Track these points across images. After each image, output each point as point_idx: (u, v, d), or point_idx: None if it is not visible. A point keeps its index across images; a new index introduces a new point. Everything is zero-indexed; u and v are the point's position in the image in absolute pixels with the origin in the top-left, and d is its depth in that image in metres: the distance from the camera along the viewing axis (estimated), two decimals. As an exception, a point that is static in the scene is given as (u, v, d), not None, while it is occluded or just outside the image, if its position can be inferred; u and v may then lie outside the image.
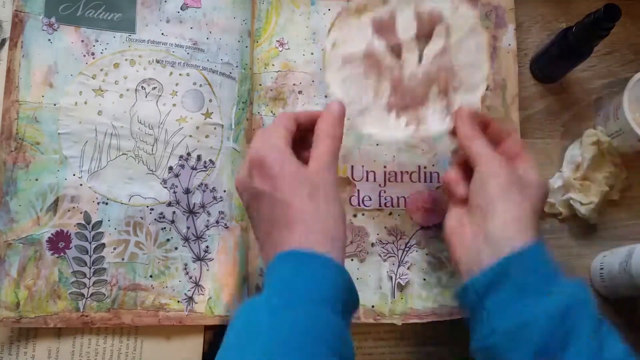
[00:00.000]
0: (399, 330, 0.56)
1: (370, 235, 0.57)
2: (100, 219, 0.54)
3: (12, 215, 0.52)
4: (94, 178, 0.54)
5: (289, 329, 0.37)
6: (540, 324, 0.39)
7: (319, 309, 0.38)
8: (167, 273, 0.54)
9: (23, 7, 0.54)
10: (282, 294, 0.39)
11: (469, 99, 0.51)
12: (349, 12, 0.52)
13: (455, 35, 0.52)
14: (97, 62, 0.55)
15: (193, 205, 0.55)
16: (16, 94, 0.54)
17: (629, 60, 0.66)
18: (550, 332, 0.39)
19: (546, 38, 0.65)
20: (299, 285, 0.39)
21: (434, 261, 0.57)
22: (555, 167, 0.63)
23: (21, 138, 0.53)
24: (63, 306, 0.53)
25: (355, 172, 0.58)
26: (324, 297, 0.39)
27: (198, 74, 0.57)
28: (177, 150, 0.55)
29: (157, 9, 0.57)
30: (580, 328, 0.39)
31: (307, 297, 0.39)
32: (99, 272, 0.53)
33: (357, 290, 0.42)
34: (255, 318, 0.38)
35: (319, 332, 0.37)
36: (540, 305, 0.40)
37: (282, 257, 0.40)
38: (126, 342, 0.55)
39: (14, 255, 0.52)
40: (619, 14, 0.51)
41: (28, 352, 0.53)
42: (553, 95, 0.65)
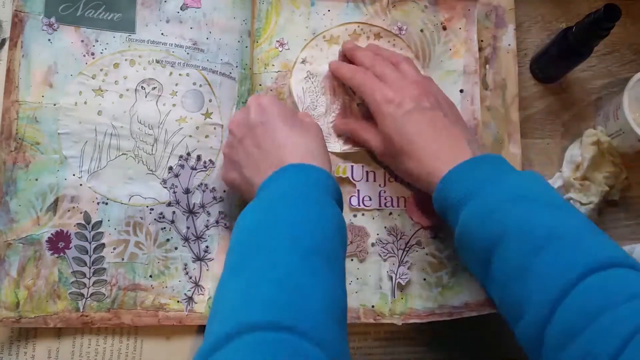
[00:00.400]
0: (399, 330, 0.56)
1: (370, 235, 0.57)
2: (100, 219, 0.54)
3: (12, 215, 0.52)
4: (93, 178, 0.54)
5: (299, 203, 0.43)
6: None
7: (326, 197, 0.45)
8: (167, 273, 0.54)
9: (23, 7, 0.54)
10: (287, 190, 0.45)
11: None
12: (323, 38, 0.60)
13: None
14: (97, 62, 0.55)
15: (193, 205, 0.55)
16: (16, 94, 0.54)
17: (629, 60, 0.66)
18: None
19: (546, 38, 0.65)
20: (301, 183, 0.46)
21: (434, 261, 0.57)
22: (555, 167, 0.63)
23: (21, 138, 0.53)
24: (63, 306, 0.53)
25: (355, 172, 0.58)
26: (327, 190, 0.46)
27: (198, 74, 0.56)
28: (177, 150, 0.55)
29: (157, 9, 0.57)
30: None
31: (313, 187, 0.45)
32: (99, 272, 0.53)
33: (358, 291, 0.46)
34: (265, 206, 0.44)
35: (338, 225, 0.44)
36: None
37: (277, 172, 0.46)
38: (126, 342, 0.55)
39: (14, 255, 0.52)
40: (619, 14, 0.51)
41: (28, 352, 0.53)
42: (553, 95, 0.65)
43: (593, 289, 0.37)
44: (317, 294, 0.38)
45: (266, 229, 0.42)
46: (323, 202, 0.44)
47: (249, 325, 0.35)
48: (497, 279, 0.43)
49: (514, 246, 0.42)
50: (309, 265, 0.39)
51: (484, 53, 0.61)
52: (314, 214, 0.43)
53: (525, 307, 0.40)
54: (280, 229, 0.41)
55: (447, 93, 0.57)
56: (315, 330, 0.35)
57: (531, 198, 0.44)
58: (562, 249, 0.40)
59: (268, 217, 0.43)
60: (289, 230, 0.41)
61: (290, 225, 0.42)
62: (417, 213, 0.57)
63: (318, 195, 0.45)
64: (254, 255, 0.40)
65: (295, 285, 0.37)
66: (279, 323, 0.35)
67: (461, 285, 0.56)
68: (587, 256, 0.39)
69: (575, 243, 0.40)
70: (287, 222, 0.42)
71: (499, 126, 0.60)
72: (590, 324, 0.35)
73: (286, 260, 0.39)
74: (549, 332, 0.38)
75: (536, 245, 0.40)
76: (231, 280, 0.40)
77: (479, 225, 0.44)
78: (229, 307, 0.37)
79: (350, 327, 0.57)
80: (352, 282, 0.56)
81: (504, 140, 0.60)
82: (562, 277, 0.38)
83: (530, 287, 0.40)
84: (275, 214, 0.43)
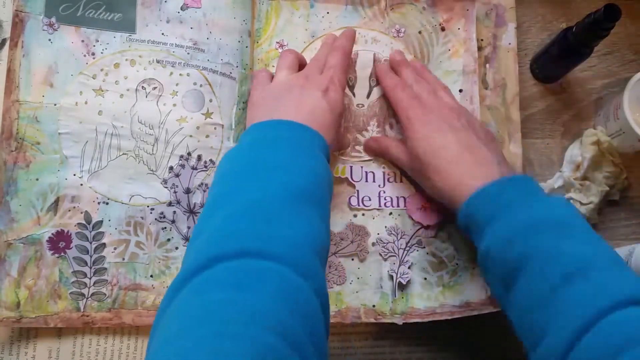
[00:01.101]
0: (399, 329, 0.56)
1: (370, 234, 0.57)
2: (101, 218, 0.54)
3: (13, 215, 0.52)
4: (94, 178, 0.54)
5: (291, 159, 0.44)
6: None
7: (317, 152, 0.45)
8: (168, 273, 0.54)
9: (23, 7, 0.54)
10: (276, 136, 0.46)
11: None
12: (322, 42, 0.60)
13: None
14: (98, 62, 0.55)
15: (194, 205, 0.55)
16: (16, 94, 0.54)
17: (629, 60, 0.66)
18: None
19: (546, 38, 0.65)
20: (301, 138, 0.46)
21: (435, 260, 0.57)
22: (556, 167, 0.63)
23: (21, 138, 0.53)
24: (63, 306, 0.52)
25: (354, 173, 0.58)
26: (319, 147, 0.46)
27: (198, 74, 0.57)
28: (178, 150, 0.55)
29: (157, 9, 0.57)
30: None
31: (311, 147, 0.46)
32: (100, 272, 0.53)
33: (359, 291, 0.47)
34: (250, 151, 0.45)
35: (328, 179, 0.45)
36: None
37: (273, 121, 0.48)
38: (127, 342, 0.55)
39: (15, 255, 0.52)
40: (619, 14, 0.51)
41: (28, 352, 0.53)
42: (553, 95, 0.65)
43: (618, 325, 0.36)
44: (302, 229, 0.39)
45: (253, 166, 0.43)
46: (312, 153, 0.45)
47: (235, 251, 0.35)
48: (519, 303, 0.43)
49: (540, 272, 0.41)
50: (295, 203, 0.40)
51: (484, 52, 0.61)
52: (304, 160, 0.44)
53: (545, 335, 0.39)
54: (269, 167, 0.42)
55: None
56: (300, 261, 0.36)
57: (560, 224, 0.43)
58: (589, 280, 0.39)
59: (255, 156, 0.44)
60: (280, 171, 0.42)
61: (278, 167, 0.42)
62: (418, 213, 0.57)
63: (309, 147, 0.46)
64: (239, 190, 0.41)
65: (281, 219, 0.38)
66: (265, 252, 0.36)
67: (462, 284, 0.56)
68: (614, 290, 0.38)
69: (602, 276, 0.39)
70: (275, 162, 0.43)
71: (499, 125, 0.60)
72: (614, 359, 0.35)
73: (273, 197, 0.40)
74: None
75: (563, 273, 0.40)
76: (211, 212, 0.40)
77: (505, 247, 0.44)
78: (210, 237, 0.38)
79: (351, 327, 0.57)
80: (353, 281, 0.56)
81: (505, 139, 0.60)
82: (588, 309, 0.37)
83: (553, 315, 0.39)
84: (263, 154, 0.44)
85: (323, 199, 0.43)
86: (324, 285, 0.39)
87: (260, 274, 0.34)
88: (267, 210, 0.39)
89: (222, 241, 0.37)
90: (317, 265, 0.38)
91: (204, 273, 0.34)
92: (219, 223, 0.38)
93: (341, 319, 0.55)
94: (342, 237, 0.56)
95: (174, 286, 0.35)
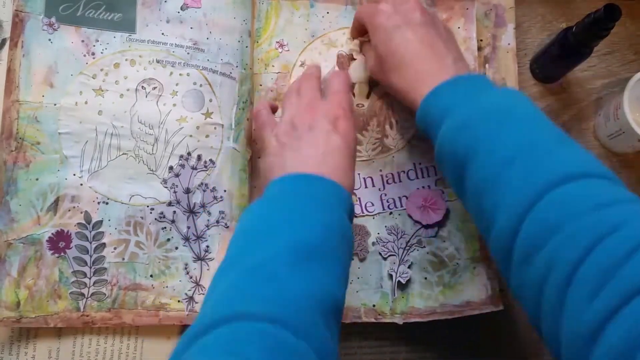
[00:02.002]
0: (399, 329, 0.56)
1: (370, 234, 0.57)
2: (101, 218, 0.54)
3: (13, 215, 0.52)
4: (94, 178, 0.54)
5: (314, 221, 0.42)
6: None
7: (333, 205, 0.44)
8: (168, 273, 0.54)
9: (23, 7, 0.54)
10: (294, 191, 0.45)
11: (400, 137, 0.59)
12: (322, 42, 0.60)
13: None
14: (98, 62, 0.55)
15: (193, 205, 0.55)
16: (16, 94, 0.54)
17: (629, 60, 0.66)
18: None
19: (546, 38, 0.65)
20: (315, 192, 0.45)
21: (435, 260, 0.57)
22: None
23: (21, 138, 0.53)
24: (63, 306, 0.52)
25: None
26: (336, 199, 0.45)
27: (198, 74, 0.57)
28: (178, 150, 0.55)
29: (157, 9, 0.57)
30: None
31: (325, 201, 0.44)
32: (100, 272, 0.53)
33: (359, 290, 0.46)
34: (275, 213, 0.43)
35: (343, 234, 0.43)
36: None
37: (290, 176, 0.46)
38: (127, 342, 0.55)
39: (14, 255, 0.52)
40: (619, 14, 0.51)
41: (28, 352, 0.53)
42: (553, 95, 0.65)
43: (560, 200, 0.37)
44: (303, 288, 0.38)
45: (264, 225, 0.42)
46: (329, 207, 0.44)
47: (232, 315, 0.35)
48: (470, 192, 0.43)
49: (484, 159, 0.42)
50: (300, 261, 0.39)
51: (483, 52, 0.61)
52: (314, 213, 0.43)
53: (495, 219, 0.40)
54: (279, 226, 0.42)
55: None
56: (299, 322, 0.36)
57: (505, 112, 0.43)
58: (531, 160, 0.39)
59: (268, 213, 0.43)
60: (287, 228, 0.41)
61: (288, 224, 0.42)
62: (418, 212, 0.57)
63: (326, 201, 0.44)
64: (248, 250, 0.41)
65: (281, 280, 0.38)
66: (260, 314, 0.35)
67: (462, 284, 0.56)
68: (556, 167, 0.38)
69: (545, 155, 0.40)
70: (286, 220, 0.42)
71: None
72: (554, 234, 0.35)
73: (277, 257, 0.39)
74: (516, 246, 0.38)
75: (506, 157, 0.40)
76: (225, 273, 0.41)
77: (453, 142, 0.44)
78: (218, 298, 0.38)
79: (351, 327, 0.57)
80: (353, 281, 0.56)
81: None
82: (531, 188, 0.38)
83: (499, 198, 0.40)
84: (275, 211, 0.43)
85: (333, 252, 0.42)
86: (328, 344, 0.37)
87: (251, 336, 0.34)
88: (268, 270, 0.38)
89: (221, 305, 0.37)
90: (319, 323, 0.37)
91: (202, 339, 0.34)
92: (225, 285, 0.39)
93: (341, 318, 0.55)
94: (342, 237, 0.56)
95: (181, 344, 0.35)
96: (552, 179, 0.38)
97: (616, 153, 0.63)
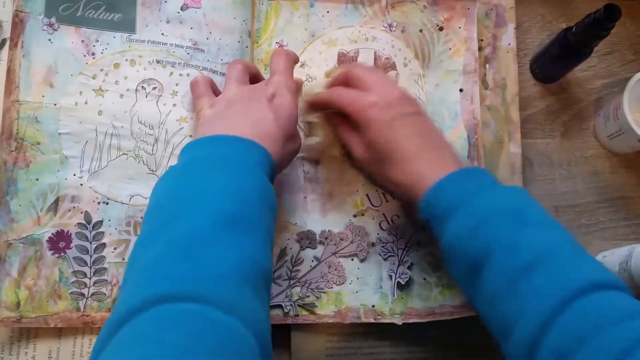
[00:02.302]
0: (399, 329, 0.56)
1: (370, 235, 0.57)
2: (101, 218, 0.54)
3: (13, 215, 0.52)
4: (94, 178, 0.54)
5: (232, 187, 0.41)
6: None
7: (251, 166, 0.44)
8: (168, 273, 0.54)
9: (23, 7, 0.54)
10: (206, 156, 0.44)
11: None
12: (322, 41, 0.60)
13: (401, 83, 0.60)
14: (98, 62, 0.55)
15: (193, 205, 0.55)
16: (16, 94, 0.54)
17: (629, 60, 0.66)
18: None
19: (546, 38, 0.65)
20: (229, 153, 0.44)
21: (434, 260, 0.57)
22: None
23: (21, 138, 0.53)
24: (64, 306, 0.53)
25: (373, 199, 0.58)
26: (254, 160, 0.44)
27: (198, 74, 0.57)
28: (178, 150, 0.55)
29: (157, 9, 0.57)
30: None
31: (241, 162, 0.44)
32: (100, 272, 0.53)
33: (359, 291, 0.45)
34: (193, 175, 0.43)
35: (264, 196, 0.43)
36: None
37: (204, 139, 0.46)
38: (127, 342, 0.55)
39: (15, 255, 0.52)
40: (619, 14, 0.51)
41: (29, 353, 0.53)
42: (553, 95, 0.65)
43: (585, 311, 0.37)
44: (227, 260, 0.37)
45: (179, 197, 0.41)
46: (246, 170, 0.43)
47: (154, 298, 0.34)
48: (485, 295, 0.43)
49: (502, 264, 0.42)
50: (221, 232, 0.38)
51: (483, 52, 0.61)
52: (233, 180, 0.42)
53: (514, 326, 0.40)
54: (194, 196, 0.41)
55: (447, 92, 0.57)
56: (225, 297, 0.35)
57: (517, 213, 0.44)
58: (552, 268, 0.40)
59: (183, 184, 0.42)
60: (203, 197, 0.40)
61: (204, 193, 0.41)
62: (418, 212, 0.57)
63: (242, 163, 0.44)
64: (165, 225, 0.40)
65: (204, 254, 0.37)
66: (184, 293, 0.34)
67: (461, 284, 0.56)
68: (577, 277, 0.39)
69: (566, 263, 0.40)
70: (201, 189, 0.41)
71: (499, 125, 0.60)
72: (582, 346, 0.36)
73: (197, 229, 0.38)
74: (540, 354, 0.38)
75: (526, 263, 0.41)
76: (140, 251, 0.39)
77: (464, 241, 0.44)
78: (136, 280, 0.37)
79: (351, 327, 0.57)
80: (353, 281, 0.56)
81: (504, 139, 0.60)
82: (554, 298, 0.38)
83: (519, 306, 0.40)
84: (190, 181, 0.42)
85: (257, 220, 0.41)
86: (259, 313, 0.37)
87: (175, 319, 0.33)
88: (186, 245, 0.37)
89: (140, 288, 0.36)
90: (247, 294, 0.37)
91: (120, 332, 0.33)
92: (143, 266, 0.37)
93: (341, 319, 0.55)
94: (342, 237, 0.57)
95: (103, 334, 0.34)
96: (575, 289, 0.38)
97: (616, 153, 0.64)
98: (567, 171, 0.63)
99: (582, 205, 0.62)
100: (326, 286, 0.55)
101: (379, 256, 0.57)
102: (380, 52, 0.60)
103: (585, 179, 0.63)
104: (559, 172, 0.62)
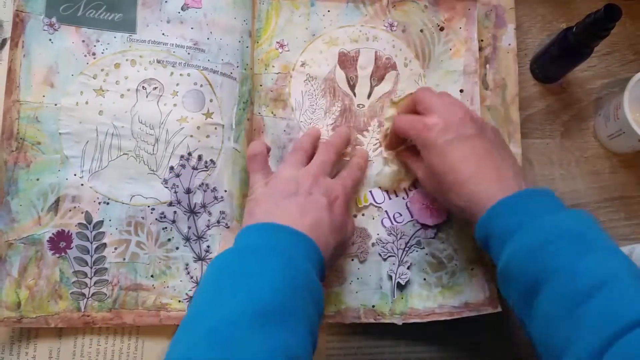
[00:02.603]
0: (399, 330, 0.56)
1: (371, 236, 0.57)
2: (102, 218, 0.54)
3: (13, 215, 0.52)
4: (95, 178, 0.54)
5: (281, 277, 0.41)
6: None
7: (299, 257, 0.44)
8: (169, 273, 0.54)
9: (24, 7, 0.54)
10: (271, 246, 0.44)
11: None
12: (323, 41, 0.60)
13: (402, 84, 0.60)
14: (98, 62, 0.55)
15: (194, 205, 0.55)
16: (17, 94, 0.54)
17: (629, 60, 0.66)
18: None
19: (546, 38, 0.65)
20: (281, 243, 0.45)
21: (434, 261, 0.57)
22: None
23: (22, 138, 0.53)
24: (64, 306, 0.53)
25: (376, 196, 0.58)
26: (303, 252, 0.45)
27: (199, 74, 0.57)
28: (178, 150, 0.55)
29: (158, 10, 0.57)
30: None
31: (291, 253, 0.44)
32: (100, 272, 0.53)
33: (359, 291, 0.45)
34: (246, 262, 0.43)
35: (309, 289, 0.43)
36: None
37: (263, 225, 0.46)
38: (127, 342, 0.55)
39: (15, 255, 0.52)
40: (619, 14, 0.51)
41: (29, 353, 0.54)
42: (553, 95, 0.65)
43: (630, 349, 0.36)
44: (264, 353, 0.37)
45: (226, 282, 0.42)
46: (294, 260, 0.43)
47: None
48: (540, 318, 0.42)
49: (560, 289, 0.41)
50: (261, 325, 0.38)
51: (484, 53, 0.61)
52: (279, 270, 0.42)
53: (567, 351, 0.39)
54: (240, 283, 0.41)
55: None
56: None
57: (578, 237, 0.43)
58: (611, 297, 0.39)
59: (233, 268, 0.43)
60: (247, 286, 0.41)
61: (249, 281, 0.41)
62: (418, 213, 0.57)
63: (291, 253, 0.44)
64: (208, 308, 0.40)
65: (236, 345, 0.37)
66: None
67: (461, 285, 0.56)
68: (636, 307, 0.38)
69: (624, 292, 0.39)
70: (248, 277, 0.41)
71: (499, 126, 0.60)
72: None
73: (234, 319, 0.38)
74: None
75: (584, 290, 0.40)
76: (183, 330, 0.40)
77: (523, 263, 0.43)
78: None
79: (351, 327, 0.57)
80: (353, 282, 0.56)
81: (504, 139, 0.60)
82: (610, 327, 0.37)
83: (574, 332, 0.39)
84: (240, 266, 0.43)
85: (296, 310, 0.41)
86: None
87: None
88: (226, 334, 0.38)
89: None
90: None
91: None
92: (183, 351, 0.38)
93: (341, 319, 0.55)
94: (342, 238, 0.57)
95: None
96: (632, 319, 0.37)
97: (616, 153, 0.64)
98: (567, 171, 0.63)
99: (582, 205, 0.62)
100: (326, 286, 0.55)
101: (379, 256, 0.57)
102: (381, 52, 0.60)
103: (585, 179, 0.63)
104: (559, 172, 0.62)
